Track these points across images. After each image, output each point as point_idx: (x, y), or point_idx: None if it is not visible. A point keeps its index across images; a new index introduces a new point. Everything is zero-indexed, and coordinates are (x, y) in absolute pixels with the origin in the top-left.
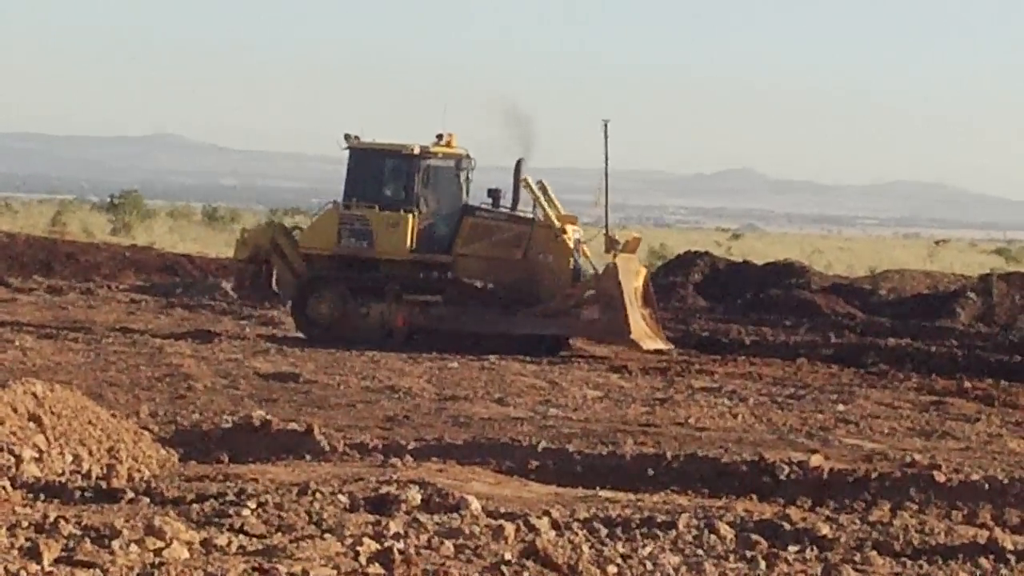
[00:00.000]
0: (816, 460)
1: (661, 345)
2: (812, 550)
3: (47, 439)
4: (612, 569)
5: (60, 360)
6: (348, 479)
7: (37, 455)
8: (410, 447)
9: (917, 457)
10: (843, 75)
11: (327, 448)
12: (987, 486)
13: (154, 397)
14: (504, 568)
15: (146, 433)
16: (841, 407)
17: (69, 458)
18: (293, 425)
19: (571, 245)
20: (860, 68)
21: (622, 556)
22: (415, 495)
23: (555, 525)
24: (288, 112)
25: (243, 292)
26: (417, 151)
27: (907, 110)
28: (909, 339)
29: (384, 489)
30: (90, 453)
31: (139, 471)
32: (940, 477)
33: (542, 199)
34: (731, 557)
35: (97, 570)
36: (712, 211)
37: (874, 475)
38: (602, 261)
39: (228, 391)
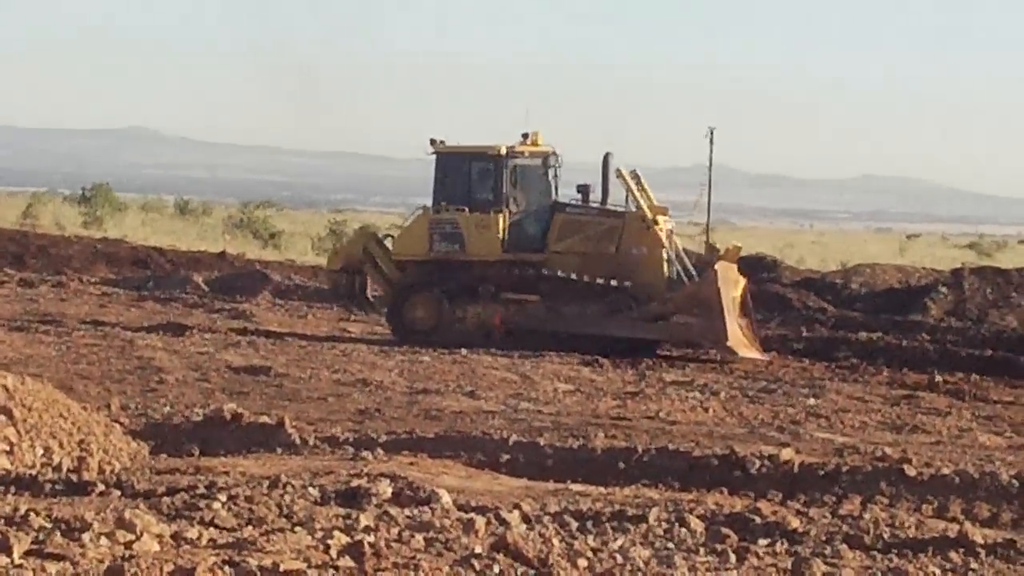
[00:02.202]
0: (787, 454)
1: (757, 355)
2: (782, 543)
3: (18, 432)
4: (583, 562)
5: (31, 353)
6: (319, 472)
7: (7, 448)
8: (381, 440)
9: (888, 451)
10: (816, 70)
11: (298, 441)
12: (957, 480)
13: (125, 390)
14: (474, 561)
15: (117, 426)
16: (812, 401)
17: (40, 451)
18: (264, 418)
19: (664, 236)
20: (832, 63)
21: (593, 549)
22: (386, 488)
23: (526, 518)
24: (262, 106)
25: (339, 302)
26: (503, 152)
27: (880, 105)
28: (880, 333)
29: (355, 482)
30: (61, 446)
31: (110, 464)
32: (911, 471)
33: (635, 190)
34: (701, 550)
35: (67, 563)
36: (685, 205)
37: (845, 469)
38: (700, 264)
39: (199, 384)
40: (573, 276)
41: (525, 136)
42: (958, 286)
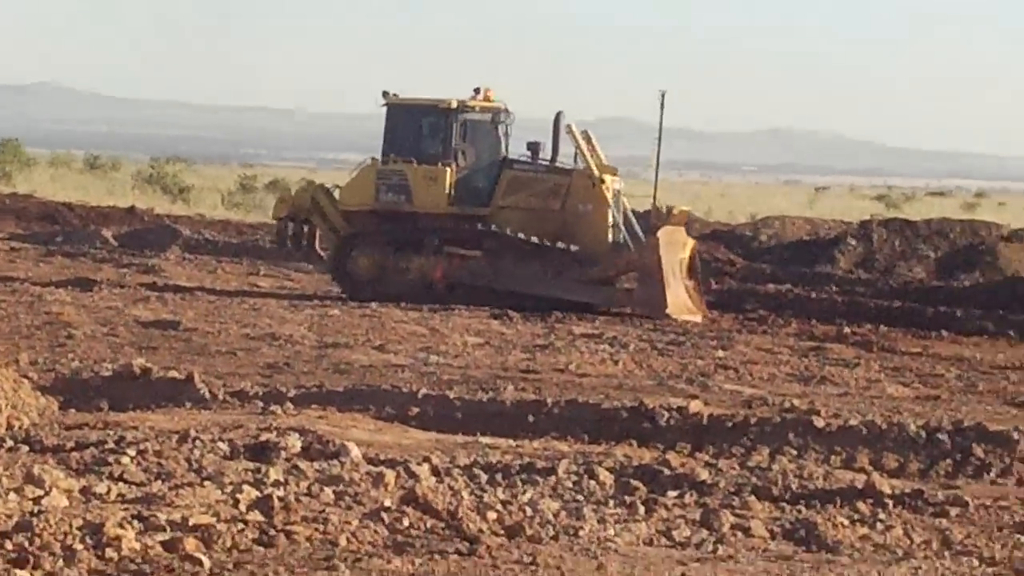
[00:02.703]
0: (695, 406)
1: (697, 318)
2: (691, 495)
3: None
4: (492, 515)
5: None
6: (228, 427)
7: None
8: (290, 394)
9: (796, 402)
10: (721, 22)
11: (207, 396)
12: (865, 431)
13: (34, 345)
14: (384, 515)
15: (25, 381)
16: (721, 353)
17: None
18: (173, 373)
19: (610, 195)
20: (739, 15)
21: (502, 502)
22: (295, 442)
23: (435, 471)
24: (172, 61)
25: (283, 250)
26: (454, 105)
27: (788, 56)
28: (789, 285)
29: (264, 436)
30: None
31: (18, 419)
32: (819, 422)
33: (584, 148)
34: (610, 502)
35: None
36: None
37: (753, 420)
38: (649, 227)
39: (108, 339)
40: (517, 234)
41: (477, 91)
42: (866, 238)
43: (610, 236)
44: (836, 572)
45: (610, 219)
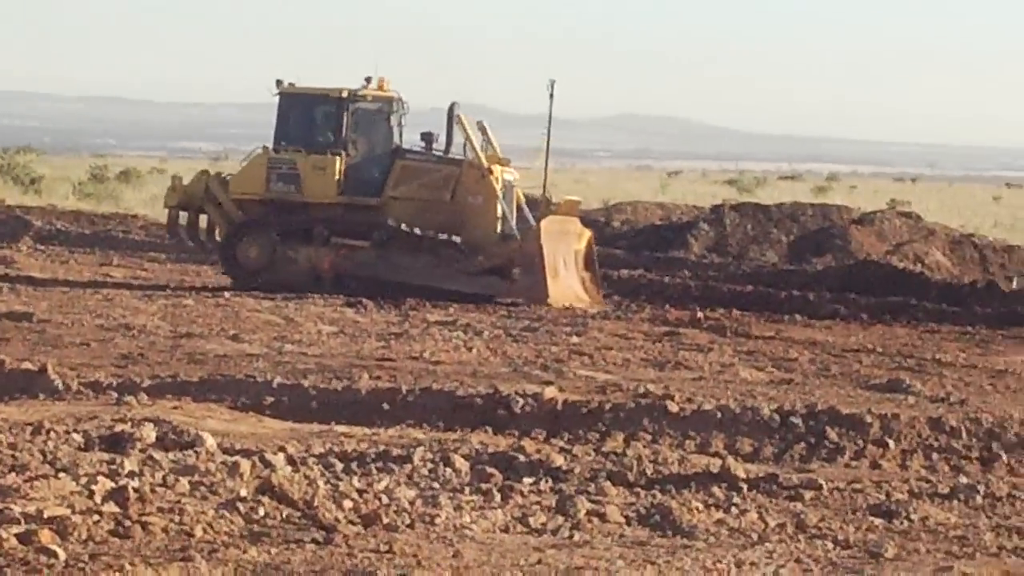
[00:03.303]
0: (550, 392)
1: (592, 308)
2: (547, 481)
3: None
4: (348, 504)
5: None
6: (82, 418)
7: None
8: (145, 385)
9: (650, 387)
10: (573, 8)
11: (61, 387)
12: (719, 415)
13: None
14: (240, 504)
15: None
16: (575, 339)
17: None
18: (27, 364)
19: (498, 186)
20: (592, 2)
21: (358, 491)
22: (150, 433)
23: (291, 461)
24: (19, 51)
25: (175, 238)
26: (345, 94)
27: (640, 43)
28: (643, 270)
29: (118, 427)
30: None
31: None
32: (673, 407)
33: (474, 139)
34: (466, 490)
35: None
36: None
37: (608, 406)
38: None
39: None
40: (403, 225)
41: (368, 80)
42: (719, 222)
43: (499, 227)
44: (691, 557)
45: (499, 210)
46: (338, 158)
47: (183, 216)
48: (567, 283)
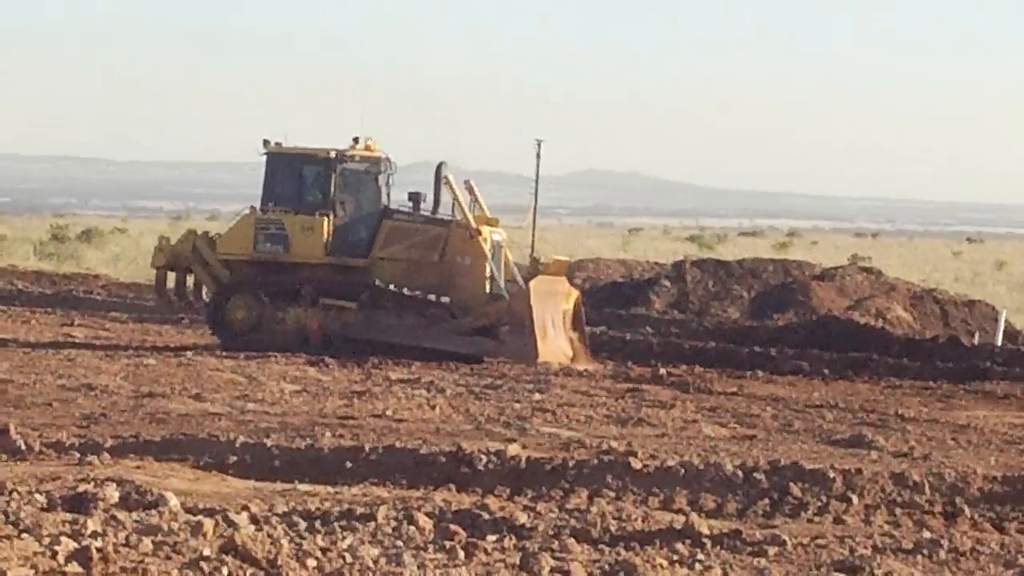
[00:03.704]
0: (513, 449)
1: (582, 366)
2: (510, 539)
3: None
4: (312, 562)
5: None
6: (45, 478)
7: None
8: (107, 445)
9: (613, 444)
10: (531, 64)
11: (23, 447)
12: (683, 471)
13: None
14: (203, 564)
15: None
16: (538, 396)
17: None
18: None
19: (487, 247)
20: (549, 55)
21: (321, 549)
22: (113, 493)
23: (254, 520)
24: None
25: (164, 300)
26: (333, 155)
27: (600, 100)
28: (605, 327)
29: (81, 487)
30: None
31: None
32: (636, 463)
33: (461, 200)
34: (430, 548)
35: None
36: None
37: (571, 463)
38: (527, 278)
39: None
40: (391, 286)
41: (356, 140)
42: (680, 279)
43: (488, 287)
44: None
45: (488, 271)
46: (326, 219)
47: (173, 276)
48: (556, 343)
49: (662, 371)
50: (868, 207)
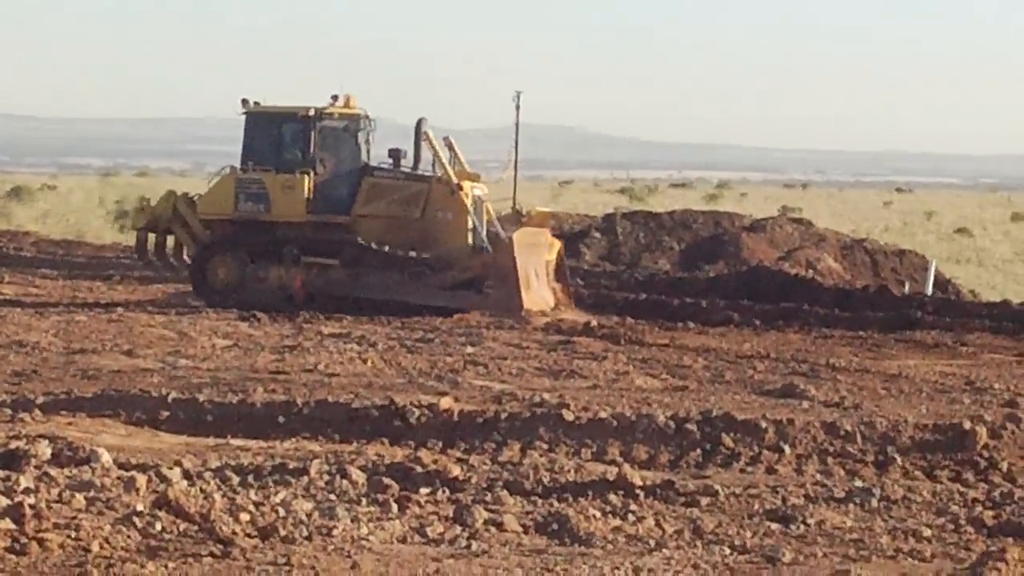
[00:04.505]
0: (446, 402)
1: (568, 315)
2: (444, 492)
3: None
4: (245, 517)
5: None
6: None
7: None
8: (39, 401)
9: (546, 396)
10: (468, 21)
11: None
12: (615, 423)
13: None
14: (136, 519)
15: None
16: (470, 349)
17: None
18: None
19: (469, 202)
20: (484, 13)
21: (255, 503)
22: (44, 449)
23: (187, 475)
24: None
25: (144, 260)
26: (312, 113)
27: (530, 53)
28: None
29: (13, 444)
30: None
31: None
32: (569, 416)
33: (442, 155)
34: (363, 501)
35: None
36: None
37: (503, 416)
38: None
39: None
40: (373, 244)
41: (335, 98)
42: (611, 231)
43: (470, 241)
44: (589, 564)
45: (470, 225)
46: (306, 177)
47: (153, 237)
48: (540, 293)
49: (593, 323)
50: (798, 158)
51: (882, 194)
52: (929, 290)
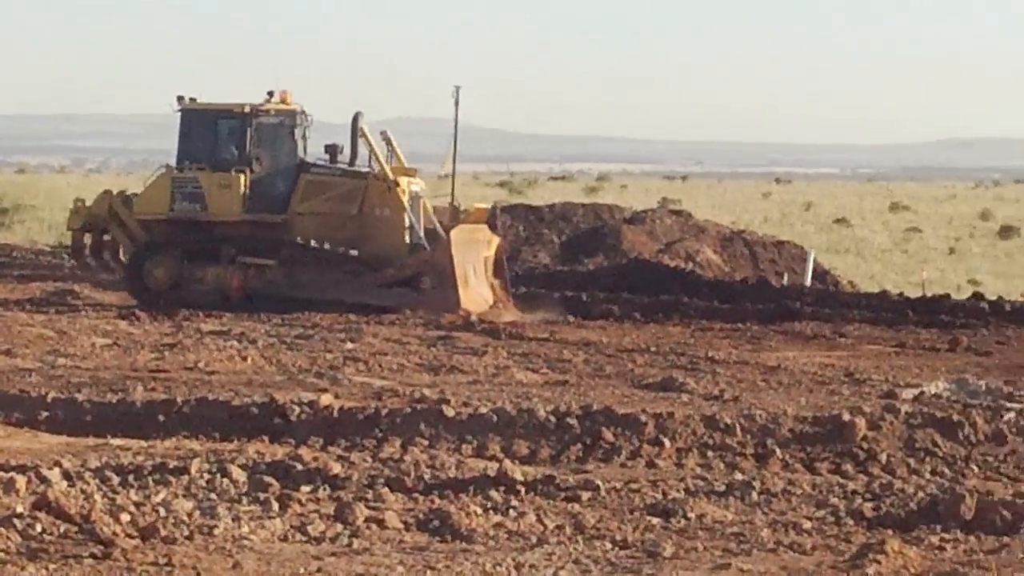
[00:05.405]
0: (326, 399)
1: (510, 316)
2: (325, 489)
3: None
4: (125, 517)
5: None
6: None
7: None
8: None
9: (426, 392)
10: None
11: None
12: (496, 418)
13: None
14: (16, 521)
15: None
16: (350, 345)
17: None
18: None
19: (405, 198)
20: (354, 10)
21: (135, 503)
22: None
23: (67, 475)
24: None
25: (81, 262)
26: (248, 109)
27: (411, 45)
28: None
29: None
30: None
31: None
32: (449, 411)
33: (377, 150)
34: (244, 500)
35: None
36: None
37: (384, 412)
38: (447, 226)
39: None
40: (311, 242)
41: (271, 94)
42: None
43: (408, 238)
44: (471, 561)
45: (407, 222)
46: (243, 175)
47: (89, 237)
48: (477, 291)
49: (473, 317)
50: (677, 150)
51: (760, 185)
52: (808, 281)
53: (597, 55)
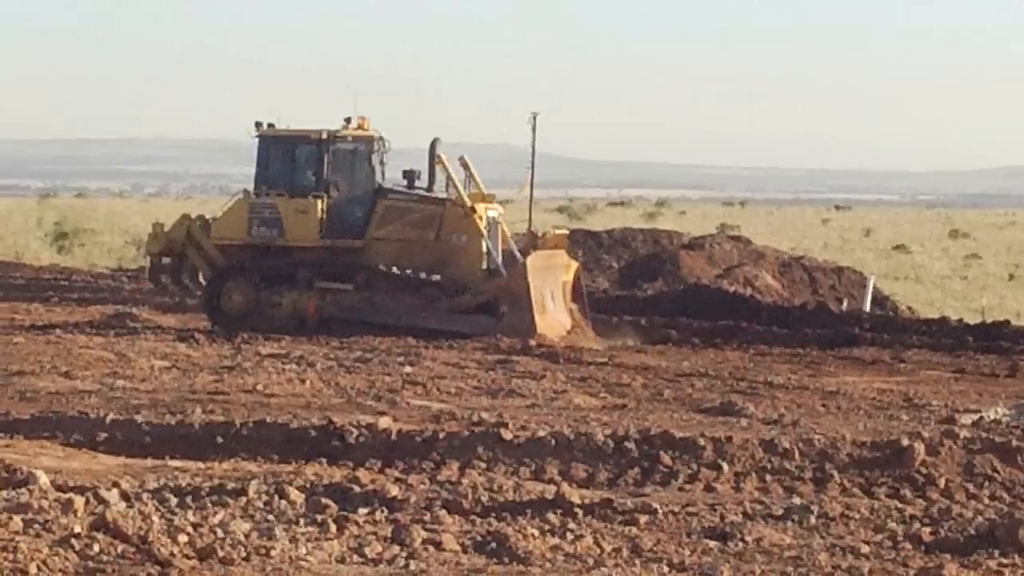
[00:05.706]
0: (384, 422)
1: (588, 342)
2: (382, 511)
3: None
4: (183, 538)
5: None
6: None
7: None
8: None
9: (484, 415)
10: (395, 40)
11: None
12: (553, 442)
13: None
14: (74, 541)
15: None
16: (408, 369)
17: None
18: None
19: (482, 225)
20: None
21: (193, 525)
22: None
23: (125, 496)
24: None
25: (159, 286)
26: (325, 136)
27: (467, 72)
28: None
29: None
30: None
31: None
32: (507, 435)
33: (455, 177)
34: (302, 521)
35: None
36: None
37: (442, 435)
38: (525, 252)
39: None
40: (388, 267)
41: (348, 120)
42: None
43: (485, 264)
44: None
45: (484, 248)
46: (319, 200)
47: (168, 262)
48: (555, 317)
49: (532, 342)
50: (736, 176)
51: (820, 211)
52: (867, 307)
53: (657, 81)
